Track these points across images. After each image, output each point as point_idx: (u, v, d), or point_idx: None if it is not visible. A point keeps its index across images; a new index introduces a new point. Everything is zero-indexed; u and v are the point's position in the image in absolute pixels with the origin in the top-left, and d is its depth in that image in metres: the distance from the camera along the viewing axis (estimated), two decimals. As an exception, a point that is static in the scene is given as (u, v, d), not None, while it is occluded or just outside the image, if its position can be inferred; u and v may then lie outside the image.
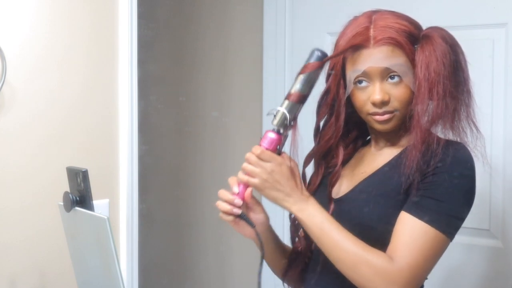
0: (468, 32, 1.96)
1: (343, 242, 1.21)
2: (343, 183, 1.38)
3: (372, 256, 1.19)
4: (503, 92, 1.99)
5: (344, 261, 1.21)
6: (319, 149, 1.40)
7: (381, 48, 1.25)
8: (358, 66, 1.27)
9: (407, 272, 1.18)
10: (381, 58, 1.25)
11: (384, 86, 1.27)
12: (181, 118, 2.85)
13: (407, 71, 1.26)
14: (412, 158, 1.22)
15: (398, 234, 1.21)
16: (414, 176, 1.22)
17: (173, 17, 2.85)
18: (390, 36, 1.25)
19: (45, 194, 1.65)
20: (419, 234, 1.20)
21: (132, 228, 1.88)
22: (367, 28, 1.27)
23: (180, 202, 2.88)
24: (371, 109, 1.28)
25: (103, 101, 1.81)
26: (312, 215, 1.24)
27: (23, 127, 1.62)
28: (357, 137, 1.45)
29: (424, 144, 1.22)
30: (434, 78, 1.22)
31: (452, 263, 2.05)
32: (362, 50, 1.27)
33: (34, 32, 1.64)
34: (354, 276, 1.21)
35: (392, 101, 1.27)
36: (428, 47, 1.25)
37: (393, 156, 1.32)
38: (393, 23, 1.26)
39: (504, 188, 1.98)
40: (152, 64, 2.72)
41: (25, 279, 1.64)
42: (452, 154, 1.22)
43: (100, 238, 1.26)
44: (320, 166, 1.41)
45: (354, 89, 1.30)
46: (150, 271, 2.64)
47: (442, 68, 1.23)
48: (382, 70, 1.26)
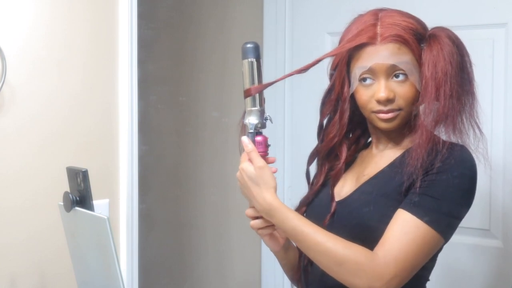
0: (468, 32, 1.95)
1: (322, 244, 1.19)
2: (346, 185, 1.37)
3: (354, 253, 1.18)
4: (503, 92, 1.99)
5: (327, 261, 1.20)
6: (323, 148, 1.39)
7: (388, 45, 1.25)
8: (364, 63, 1.27)
9: (393, 265, 1.17)
10: (387, 55, 1.24)
11: (390, 84, 1.26)
12: (181, 118, 2.85)
13: (413, 69, 1.25)
14: (416, 157, 1.21)
15: (389, 229, 1.21)
16: (417, 175, 1.21)
17: (173, 17, 2.85)
18: (397, 33, 1.24)
19: (45, 194, 1.65)
20: (410, 229, 1.19)
21: (132, 228, 1.88)
22: (374, 25, 1.26)
23: (180, 202, 2.88)
24: (375, 106, 1.27)
25: (103, 101, 1.81)
26: (282, 221, 1.23)
27: (23, 127, 1.62)
28: (359, 137, 1.45)
29: (430, 143, 1.22)
30: (442, 78, 1.22)
31: (452, 263, 2.05)
32: (368, 47, 1.26)
33: (34, 32, 1.64)
34: (339, 274, 1.19)
35: (397, 99, 1.26)
36: (435, 46, 1.24)
37: (396, 157, 1.31)
38: (400, 20, 1.26)
39: (504, 188, 1.98)
40: (152, 64, 2.72)
41: (25, 279, 1.64)
42: (455, 155, 1.22)
43: (100, 238, 1.26)
44: (324, 165, 1.41)
45: (358, 86, 1.29)
46: (150, 271, 2.64)
47: (449, 68, 1.22)
48: (388, 68, 1.25)
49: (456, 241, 1.28)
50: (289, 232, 1.23)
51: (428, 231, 1.19)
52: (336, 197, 1.35)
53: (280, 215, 1.23)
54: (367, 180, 1.32)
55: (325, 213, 1.34)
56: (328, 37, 2.30)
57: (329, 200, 1.34)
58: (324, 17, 2.37)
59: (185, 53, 2.82)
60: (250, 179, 1.25)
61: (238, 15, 2.66)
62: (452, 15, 2.04)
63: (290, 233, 1.23)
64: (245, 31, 2.64)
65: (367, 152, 1.42)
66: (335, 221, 1.31)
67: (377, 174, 1.31)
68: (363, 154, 1.43)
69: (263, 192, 1.24)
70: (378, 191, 1.27)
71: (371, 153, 1.39)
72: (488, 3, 2.02)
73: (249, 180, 1.25)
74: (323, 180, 1.41)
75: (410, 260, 1.18)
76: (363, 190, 1.31)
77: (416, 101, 1.26)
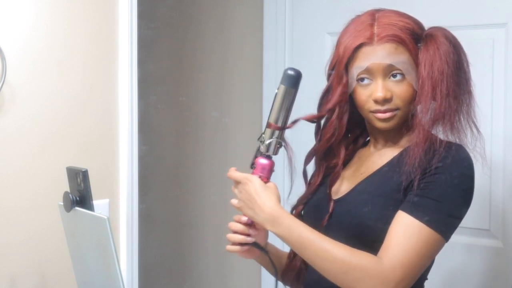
0: (468, 32, 1.96)
1: (328, 252, 1.19)
2: (343, 184, 1.38)
3: (360, 259, 1.18)
4: (503, 92, 1.99)
5: (332, 270, 1.19)
6: (320, 148, 1.39)
7: (385, 45, 1.25)
8: (361, 63, 1.27)
9: (400, 270, 1.17)
10: (384, 55, 1.25)
11: (387, 84, 1.26)
12: (181, 118, 2.85)
13: (410, 69, 1.25)
14: (414, 156, 1.22)
15: (392, 232, 1.21)
16: (415, 174, 1.21)
17: (173, 17, 2.85)
18: (394, 33, 1.25)
19: (45, 194, 1.65)
20: (413, 233, 1.19)
21: (132, 228, 1.88)
22: (371, 25, 1.27)
23: (180, 202, 2.88)
24: (373, 106, 1.28)
25: (103, 101, 1.81)
26: (288, 230, 1.22)
27: (23, 127, 1.62)
28: (357, 137, 1.45)
29: (427, 142, 1.22)
30: (438, 77, 1.22)
31: (452, 263, 2.05)
32: (365, 47, 1.26)
33: (34, 32, 1.64)
34: (345, 282, 1.19)
35: (395, 99, 1.26)
36: (432, 46, 1.24)
37: (393, 156, 1.31)
38: (397, 21, 1.26)
39: (504, 188, 1.98)
40: (152, 64, 2.72)
41: (25, 279, 1.64)
42: (453, 154, 1.22)
43: (100, 238, 1.26)
44: (321, 165, 1.41)
45: (356, 86, 1.30)
46: (150, 271, 2.64)
47: (446, 67, 1.23)
48: (385, 67, 1.25)
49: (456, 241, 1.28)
50: (294, 241, 1.22)
51: (431, 234, 1.19)
52: (333, 195, 1.35)
53: (286, 224, 1.22)
54: (365, 178, 1.32)
55: (322, 213, 1.34)
56: (328, 37, 2.30)
57: (326, 200, 1.34)
58: (324, 17, 2.37)
59: (185, 53, 2.82)
60: (256, 189, 1.25)
61: (238, 15, 2.66)
62: (452, 15, 2.04)
63: (296, 241, 1.22)
64: (245, 31, 2.64)
65: (364, 150, 1.43)
66: (332, 220, 1.32)
67: (374, 173, 1.32)
68: (361, 153, 1.43)
69: (269, 200, 1.24)
70: (376, 190, 1.28)
71: (369, 152, 1.40)
72: (488, 3, 2.02)
73: (255, 190, 1.25)
74: (321, 180, 1.41)
75: (415, 264, 1.19)
76: (360, 189, 1.31)
77: (414, 101, 1.27)
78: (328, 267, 1.20)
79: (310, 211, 1.41)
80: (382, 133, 1.35)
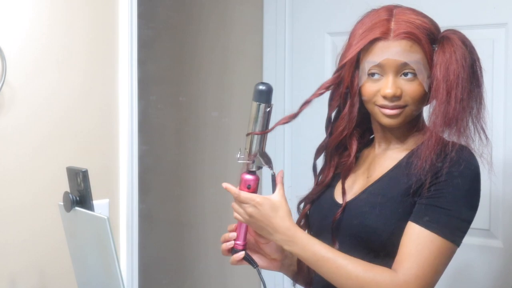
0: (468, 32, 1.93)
1: (343, 268, 1.20)
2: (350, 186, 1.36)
3: (375, 274, 1.19)
4: (503, 92, 1.99)
5: (349, 285, 1.20)
6: (332, 141, 1.37)
7: (401, 42, 1.23)
8: (374, 58, 1.25)
9: (414, 283, 1.17)
10: (399, 52, 1.23)
11: (397, 81, 1.24)
12: (181, 118, 2.85)
13: (423, 69, 1.24)
14: (425, 158, 1.20)
15: (404, 245, 1.21)
16: (425, 177, 1.20)
17: (173, 17, 2.85)
18: (411, 31, 1.23)
19: (45, 194, 1.65)
20: (425, 244, 1.19)
21: (132, 228, 1.88)
22: (388, 20, 1.25)
23: (180, 202, 2.88)
24: (380, 100, 1.26)
25: (103, 101, 1.81)
26: (303, 248, 1.23)
27: (23, 127, 1.62)
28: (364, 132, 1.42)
29: (438, 145, 1.21)
30: (453, 80, 1.20)
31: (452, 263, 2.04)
32: (380, 41, 1.24)
33: (34, 32, 1.64)
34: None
35: (404, 95, 1.24)
36: (448, 48, 1.23)
37: (401, 159, 1.30)
38: (414, 18, 1.25)
39: (504, 188, 1.98)
40: (152, 64, 2.72)
41: (25, 279, 1.64)
42: (463, 158, 1.21)
43: (100, 238, 1.26)
44: (333, 158, 1.39)
45: (366, 79, 1.28)
46: (150, 271, 2.64)
47: (461, 71, 1.21)
48: (399, 65, 1.23)
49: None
50: (309, 258, 1.23)
51: (443, 243, 1.20)
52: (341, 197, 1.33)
53: (301, 243, 1.23)
54: (373, 182, 1.31)
55: (330, 214, 1.33)
56: (328, 37, 2.30)
57: (334, 201, 1.34)
58: (324, 17, 2.37)
59: (185, 53, 2.82)
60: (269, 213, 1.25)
61: (238, 15, 2.66)
62: (452, 15, 2.03)
63: (311, 258, 1.23)
64: (245, 31, 2.64)
65: (368, 151, 1.40)
66: (341, 224, 1.31)
67: (383, 176, 1.30)
68: (365, 154, 1.41)
69: (282, 222, 1.24)
70: (385, 194, 1.26)
71: (373, 152, 1.38)
72: (488, 3, 2.02)
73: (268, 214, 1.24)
74: (332, 174, 1.39)
75: (430, 275, 1.20)
76: (369, 193, 1.30)
77: (422, 101, 1.25)
78: (344, 283, 1.21)
79: (316, 211, 1.40)
80: (387, 133, 1.33)
